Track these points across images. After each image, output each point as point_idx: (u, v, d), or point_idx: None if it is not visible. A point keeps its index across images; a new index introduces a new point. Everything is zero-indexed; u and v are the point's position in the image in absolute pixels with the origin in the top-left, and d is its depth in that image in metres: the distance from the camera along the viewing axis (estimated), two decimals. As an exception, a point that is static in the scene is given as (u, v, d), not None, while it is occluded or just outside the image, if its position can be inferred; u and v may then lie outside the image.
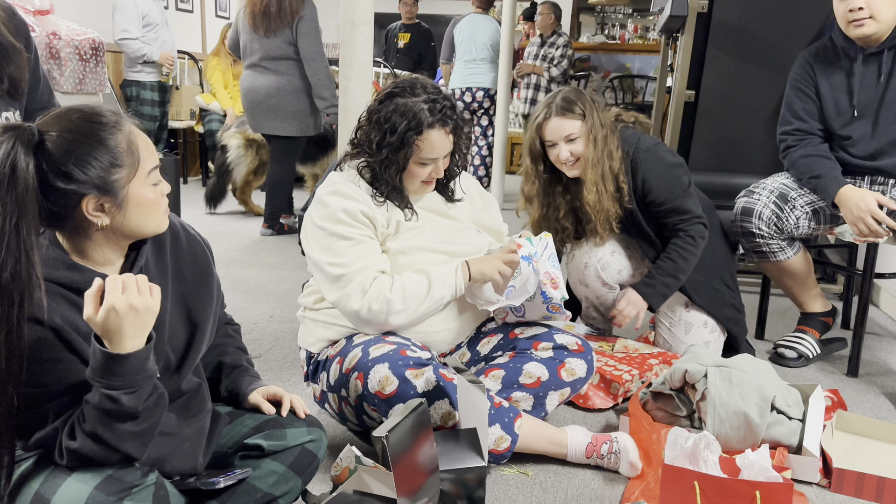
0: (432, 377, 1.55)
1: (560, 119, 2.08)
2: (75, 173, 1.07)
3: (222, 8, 8.34)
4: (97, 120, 1.11)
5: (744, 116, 3.29)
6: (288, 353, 2.37)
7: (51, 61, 3.12)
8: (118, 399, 1.05)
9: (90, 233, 1.13)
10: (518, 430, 1.60)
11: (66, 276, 1.12)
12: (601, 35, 9.03)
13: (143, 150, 1.15)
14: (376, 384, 1.54)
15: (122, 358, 1.04)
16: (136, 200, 1.13)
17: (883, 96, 2.25)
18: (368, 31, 2.06)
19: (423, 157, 1.67)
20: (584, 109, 2.10)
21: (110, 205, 1.11)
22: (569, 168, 2.13)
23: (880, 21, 2.16)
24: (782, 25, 3.17)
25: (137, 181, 1.13)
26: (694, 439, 1.49)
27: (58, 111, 1.12)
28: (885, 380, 2.38)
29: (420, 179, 1.71)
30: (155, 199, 1.16)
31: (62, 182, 1.07)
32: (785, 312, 3.05)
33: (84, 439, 1.07)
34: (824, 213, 2.34)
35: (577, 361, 1.80)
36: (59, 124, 1.09)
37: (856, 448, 1.83)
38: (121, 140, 1.12)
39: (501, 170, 5.45)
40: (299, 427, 1.38)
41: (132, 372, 1.06)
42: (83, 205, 1.09)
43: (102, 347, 1.04)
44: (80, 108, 1.12)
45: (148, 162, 1.15)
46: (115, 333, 1.04)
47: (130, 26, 4.94)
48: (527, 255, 1.74)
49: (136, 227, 1.16)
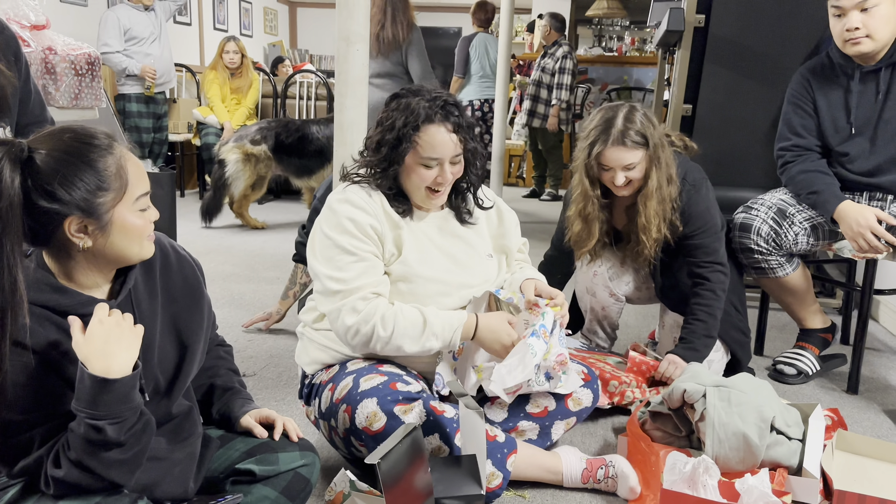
0: (422, 412, 1.50)
1: (620, 149, 2.00)
2: (59, 193, 1.06)
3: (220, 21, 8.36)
4: (88, 141, 1.10)
5: (741, 130, 3.28)
6: (283, 370, 2.35)
7: (46, 76, 3.11)
8: (103, 429, 1.03)
9: (73, 254, 1.12)
10: (511, 466, 1.57)
11: (51, 299, 1.10)
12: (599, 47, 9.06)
13: (132, 175, 1.14)
14: (364, 420, 1.50)
15: (109, 385, 1.03)
16: (120, 225, 1.12)
17: (881, 114, 2.25)
18: (364, 49, 2.05)
19: (423, 155, 1.60)
20: (646, 135, 2.02)
21: (93, 227, 1.10)
22: (619, 189, 2.08)
23: (877, 40, 2.16)
24: (779, 40, 3.16)
25: (123, 206, 1.12)
26: (693, 463, 1.47)
27: (52, 129, 1.11)
28: (885, 397, 2.36)
29: (425, 184, 1.63)
30: (141, 226, 1.15)
31: (45, 201, 1.05)
32: (784, 327, 3.03)
33: (69, 467, 1.05)
34: (823, 228, 2.33)
35: (583, 391, 1.81)
36: (49, 143, 1.08)
37: (856, 468, 1.81)
38: (110, 163, 1.10)
39: (499, 181, 5.45)
40: (292, 451, 1.36)
41: (117, 401, 1.04)
42: (65, 225, 1.08)
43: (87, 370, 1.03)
44: (74, 128, 1.11)
45: (137, 188, 1.14)
46: (101, 350, 1.03)
47: (111, 39, 4.97)
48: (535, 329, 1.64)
49: (118, 252, 1.14)
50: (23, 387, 1.06)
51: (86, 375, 1.03)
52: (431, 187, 1.65)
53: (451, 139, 1.61)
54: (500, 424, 1.73)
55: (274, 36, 9.99)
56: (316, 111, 6.02)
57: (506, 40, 5.23)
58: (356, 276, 1.57)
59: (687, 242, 2.14)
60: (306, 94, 6.04)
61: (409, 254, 1.64)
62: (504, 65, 5.24)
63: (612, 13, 8.06)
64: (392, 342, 1.56)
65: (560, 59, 5.93)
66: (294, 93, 6.07)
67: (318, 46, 10.69)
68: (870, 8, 2.13)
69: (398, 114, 1.61)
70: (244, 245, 4.28)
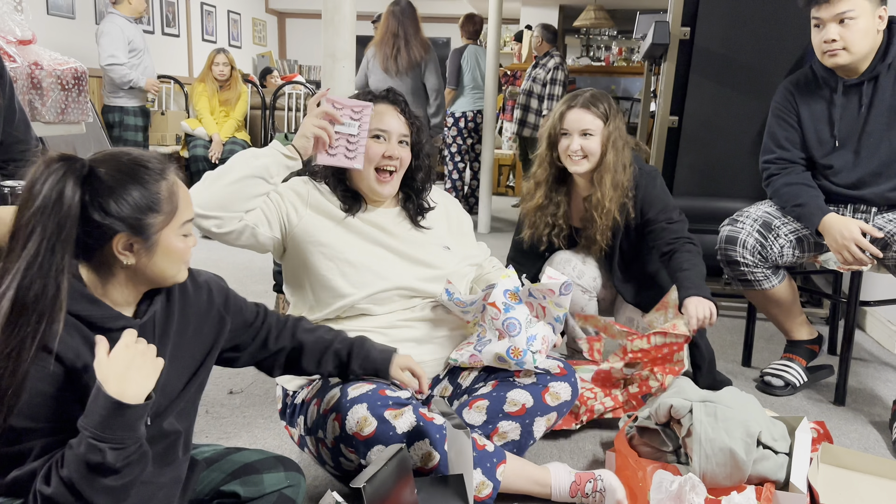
0: (412, 417, 1.51)
1: (583, 111, 2.14)
2: (113, 209, 1.11)
3: (209, 32, 8.36)
4: (144, 164, 1.16)
5: (727, 142, 3.31)
6: (270, 387, 2.34)
7: (32, 91, 3.10)
8: (103, 451, 1.04)
9: (114, 270, 1.16)
10: (500, 476, 1.57)
11: (84, 309, 1.13)
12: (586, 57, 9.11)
13: (182, 201, 1.19)
14: (354, 425, 1.50)
15: (121, 409, 1.04)
16: (165, 247, 1.17)
17: (864, 127, 2.27)
18: (350, 65, 2.06)
19: (371, 127, 1.70)
20: (609, 113, 2.16)
21: (139, 246, 1.15)
22: (573, 162, 2.16)
23: (853, 53, 2.18)
24: (764, 52, 3.19)
25: (170, 229, 1.17)
26: (679, 482, 1.47)
27: (111, 151, 1.17)
28: (871, 408, 2.37)
29: (374, 162, 1.72)
30: (183, 249, 1.21)
31: (99, 215, 1.10)
32: (771, 338, 3.04)
33: (58, 486, 1.05)
34: (808, 241, 2.34)
35: (560, 385, 1.78)
36: (109, 162, 1.14)
37: (843, 482, 1.82)
38: (163, 187, 1.16)
39: (489, 191, 5.46)
40: (277, 472, 1.36)
41: (124, 427, 1.05)
42: (114, 241, 1.13)
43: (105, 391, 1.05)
44: (131, 152, 1.17)
45: (184, 213, 1.20)
46: (121, 373, 1.06)
47: (118, 52, 4.93)
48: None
49: (158, 273, 1.19)
50: (39, 393, 1.07)
51: (101, 395, 1.04)
52: (381, 167, 1.73)
53: (398, 119, 1.75)
54: (480, 427, 1.72)
55: (263, 47, 10.00)
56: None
57: (493, 50, 5.26)
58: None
59: (652, 227, 2.20)
60: (295, 105, 6.03)
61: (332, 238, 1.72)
62: (492, 75, 5.26)
63: (600, 23, 8.11)
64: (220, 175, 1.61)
65: (551, 69, 5.97)
66: (283, 104, 6.07)
67: (307, 57, 10.71)
68: (847, 20, 2.15)
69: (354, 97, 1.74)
70: (231, 258, 4.27)
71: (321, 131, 1.63)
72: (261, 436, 2.01)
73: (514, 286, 1.79)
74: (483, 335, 1.79)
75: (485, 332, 1.79)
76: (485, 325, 1.78)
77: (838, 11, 2.14)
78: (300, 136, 1.64)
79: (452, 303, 1.79)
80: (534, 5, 8.77)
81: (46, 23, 5.53)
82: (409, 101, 4.29)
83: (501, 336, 1.74)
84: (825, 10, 2.16)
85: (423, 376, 1.57)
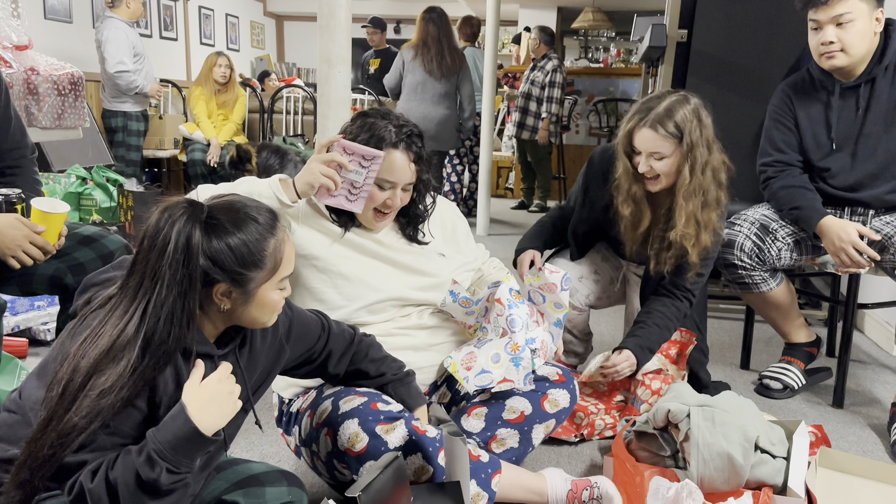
0: (404, 431, 1.50)
1: (648, 132, 1.91)
2: (221, 259, 1.13)
3: (207, 36, 8.36)
4: (258, 220, 1.18)
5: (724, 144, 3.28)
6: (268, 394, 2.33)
7: (29, 97, 3.10)
8: (161, 469, 1.06)
9: (208, 310, 1.19)
10: (496, 486, 1.56)
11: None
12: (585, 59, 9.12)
13: (286, 258, 1.22)
14: (346, 441, 1.49)
15: (195, 435, 1.08)
16: (261, 300, 1.20)
17: (861, 129, 2.26)
18: (346, 70, 2.06)
19: (379, 176, 1.64)
20: (682, 129, 1.90)
21: (237, 295, 1.18)
22: (649, 183, 1.99)
23: (851, 55, 2.18)
24: (761, 54, 3.19)
25: (270, 284, 1.20)
26: (676, 488, 1.47)
27: (231, 199, 1.19)
28: (870, 410, 2.37)
29: (374, 205, 1.68)
30: (278, 302, 1.24)
31: (206, 263, 1.13)
32: (770, 340, 3.04)
33: (101, 484, 1.07)
34: (806, 243, 2.34)
35: (559, 392, 1.77)
36: (226, 213, 1.16)
37: (841, 486, 1.81)
38: (271, 245, 1.19)
39: (487, 193, 5.46)
40: (279, 486, 1.35)
41: (189, 454, 1.09)
42: (216, 287, 1.15)
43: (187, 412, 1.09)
44: (249, 205, 1.19)
45: (285, 269, 1.23)
46: (206, 402, 1.10)
47: (126, 58, 4.92)
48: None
49: (249, 319, 1.23)
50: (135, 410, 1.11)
51: (183, 416, 1.08)
52: (380, 209, 1.70)
53: (410, 168, 1.68)
54: (479, 434, 1.71)
55: (261, 50, 10.00)
56: (303, 126, 6.02)
57: (492, 52, 5.25)
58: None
59: (679, 262, 2.05)
60: (293, 108, 6.03)
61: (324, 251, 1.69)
62: (490, 78, 5.26)
63: (598, 25, 8.12)
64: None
65: (550, 72, 5.96)
66: (281, 108, 6.07)
67: (305, 60, 10.71)
68: (845, 23, 2.15)
69: (364, 132, 1.65)
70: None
71: (328, 180, 1.56)
72: (258, 442, 2.00)
73: (517, 287, 1.79)
74: (484, 337, 1.78)
75: (486, 335, 1.78)
76: (487, 328, 1.78)
77: (836, 14, 2.14)
78: (305, 181, 1.56)
79: (457, 304, 1.78)
80: (532, 7, 8.78)
81: (43, 27, 5.53)
82: (444, 103, 4.67)
83: (504, 334, 1.74)
84: (823, 12, 2.16)
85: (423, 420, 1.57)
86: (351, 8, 2.03)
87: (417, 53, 4.65)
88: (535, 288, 1.86)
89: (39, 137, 3.11)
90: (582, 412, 2.04)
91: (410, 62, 4.68)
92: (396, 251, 1.77)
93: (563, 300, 1.82)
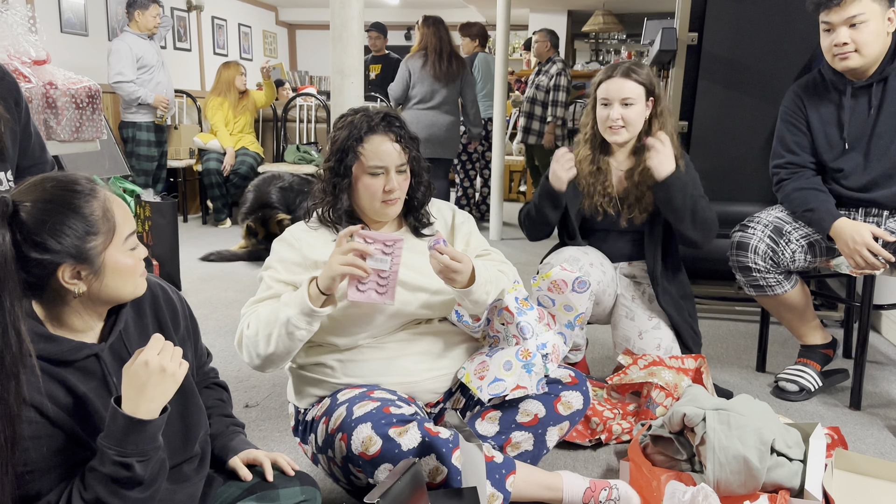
0: (417, 434, 1.51)
1: (623, 79, 2.15)
2: (50, 243, 1.07)
3: (220, 46, 8.44)
4: (72, 188, 1.11)
5: (737, 146, 3.31)
6: (286, 400, 2.35)
7: (47, 111, 3.15)
8: (132, 466, 1.06)
9: (68, 300, 1.13)
10: (510, 486, 1.57)
11: (43, 349, 1.11)
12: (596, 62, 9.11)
13: (119, 216, 1.16)
14: (360, 445, 1.50)
15: (142, 425, 1.06)
16: (113, 267, 1.14)
17: (873, 129, 2.26)
18: (358, 81, 2.08)
19: (368, 164, 1.66)
20: (652, 83, 2.17)
21: (87, 272, 1.11)
22: (612, 132, 2.17)
23: (865, 55, 2.18)
24: (772, 56, 3.19)
25: (114, 248, 1.14)
26: (692, 492, 1.48)
27: (33, 180, 1.12)
28: (888, 411, 2.36)
29: (376, 197, 1.68)
30: (132, 265, 1.17)
31: (37, 252, 1.07)
32: (786, 342, 3.03)
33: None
34: (820, 245, 2.34)
35: (572, 394, 1.77)
36: (32, 194, 1.09)
37: (858, 488, 1.81)
38: (96, 207, 1.12)
39: (500, 197, 5.47)
40: (292, 487, 1.37)
41: (146, 440, 1.07)
42: (59, 273, 1.09)
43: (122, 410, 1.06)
44: (55, 177, 1.13)
45: (125, 228, 1.16)
46: (137, 390, 1.06)
47: (125, 69, 5.01)
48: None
49: (113, 293, 1.16)
50: (28, 439, 1.07)
51: (119, 415, 1.05)
52: (384, 200, 1.70)
53: (395, 148, 1.68)
54: (493, 438, 1.72)
55: (274, 59, 10.07)
56: (316, 134, 6.07)
57: (502, 57, 5.27)
58: (258, 301, 1.67)
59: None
60: (306, 116, 6.08)
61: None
62: (501, 82, 5.28)
63: (609, 27, 8.11)
64: (257, 334, 1.59)
65: (554, 75, 5.96)
66: (294, 116, 6.12)
67: (317, 68, 10.78)
68: (858, 24, 2.15)
69: (343, 130, 1.70)
70: (247, 271, 4.30)
71: (351, 268, 1.51)
72: (276, 449, 2.02)
73: (524, 295, 1.80)
74: (495, 345, 1.79)
75: (497, 343, 1.79)
76: (498, 336, 1.79)
77: (849, 15, 2.14)
78: (325, 276, 1.52)
79: (462, 324, 1.79)
80: (542, 11, 8.79)
81: (60, 41, 5.60)
82: (449, 109, 4.71)
83: (516, 342, 1.75)
84: (836, 14, 2.16)
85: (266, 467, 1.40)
86: (363, 20, 2.05)
87: (425, 62, 4.67)
88: (544, 291, 1.87)
89: (58, 150, 3.16)
90: (598, 417, 2.05)
91: (419, 71, 4.69)
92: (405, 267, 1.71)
93: (573, 302, 1.83)
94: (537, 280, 1.90)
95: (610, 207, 2.28)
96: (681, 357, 2.21)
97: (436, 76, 4.66)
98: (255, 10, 9.58)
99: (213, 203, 5.79)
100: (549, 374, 1.76)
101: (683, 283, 2.34)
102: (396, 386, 1.70)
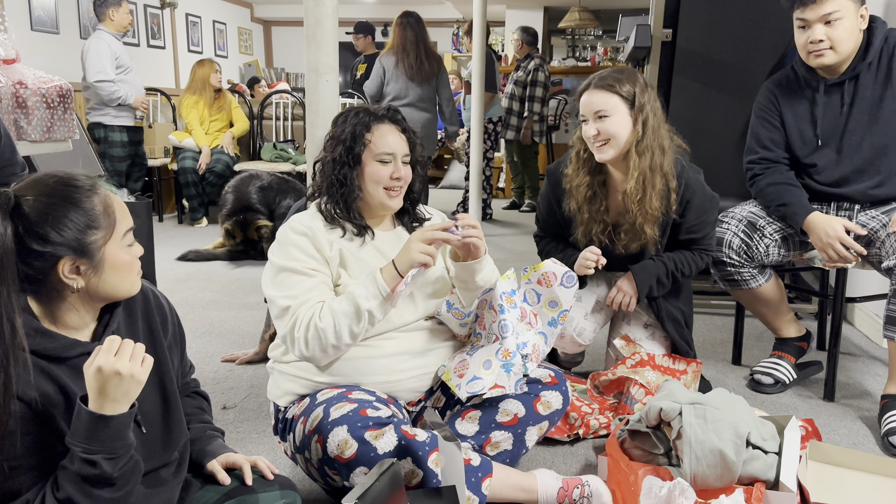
0: (393, 437, 1.50)
1: (594, 91, 1.99)
2: (51, 235, 1.09)
3: (194, 43, 8.35)
4: (73, 184, 1.14)
5: (712, 142, 3.33)
6: (264, 401, 2.34)
7: (17, 111, 3.09)
8: (98, 463, 1.05)
9: (65, 295, 1.15)
10: (486, 490, 1.57)
11: (37, 344, 1.12)
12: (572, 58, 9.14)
13: (118, 212, 1.18)
14: (335, 448, 1.50)
15: (105, 420, 1.05)
16: (111, 262, 1.16)
17: (846, 125, 2.29)
18: (333, 79, 2.07)
19: (377, 151, 1.69)
20: (634, 90, 1.97)
21: (86, 267, 1.13)
22: (596, 150, 2.03)
23: (840, 52, 2.20)
24: (746, 52, 3.22)
25: (113, 243, 1.16)
26: (668, 487, 1.49)
27: (35, 176, 1.14)
28: (861, 402, 2.40)
29: (382, 184, 1.70)
30: (130, 261, 1.19)
31: (38, 244, 1.08)
32: (761, 336, 3.07)
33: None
34: (793, 239, 2.37)
35: (552, 394, 1.79)
36: (35, 188, 1.11)
37: (832, 479, 1.83)
38: (97, 203, 1.14)
39: (478, 194, 5.46)
40: (272, 491, 1.36)
41: (112, 438, 1.06)
42: (59, 267, 1.11)
43: (87, 407, 1.05)
44: (57, 174, 1.14)
45: (123, 224, 1.18)
46: (98, 392, 1.05)
47: (106, 68, 4.93)
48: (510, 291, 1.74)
49: (110, 290, 1.17)
50: (11, 434, 1.07)
51: (83, 411, 1.05)
52: (389, 187, 1.72)
53: (401, 138, 1.73)
54: (473, 438, 1.73)
55: (249, 56, 10.00)
56: (293, 131, 6.03)
57: (479, 54, 5.27)
58: (305, 291, 1.63)
59: (686, 235, 2.19)
60: (283, 114, 6.04)
61: (356, 272, 1.69)
62: (479, 80, 5.27)
63: (585, 24, 8.14)
64: (336, 328, 1.59)
65: (532, 71, 5.98)
66: (270, 114, 6.07)
67: (294, 65, 10.71)
68: (833, 21, 2.17)
69: (348, 123, 1.72)
70: (224, 271, 4.27)
71: (428, 258, 1.61)
72: (255, 451, 2.01)
73: (510, 289, 1.80)
74: (476, 343, 1.79)
75: (479, 341, 1.80)
76: (481, 333, 1.79)
77: (825, 12, 2.16)
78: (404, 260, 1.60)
79: (451, 314, 1.79)
80: (518, 7, 8.80)
81: (30, 39, 5.52)
82: (425, 107, 4.73)
83: (496, 340, 1.75)
84: (811, 11, 2.18)
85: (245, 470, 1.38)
86: (337, 17, 2.04)
87: (399, 60, 4.69)
88: (533, 283, 1.87)
89: (29, 151, 3.11)
90: (576, 413, 2.06)
91: (393, 69, 4.72)
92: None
93: (560, 297, 1.83)
94: (528, 271, 1.90)
95: (604, 236, 2.19)
96: (675, 357, 2.24)
97: (409, 74, 4.67)
98: (230, 6, 9.49)
99: (189, 202, 5.74)
100: (529, 373, 1.77)
101: (685, 296, 2.32)
102: (378, 385, 1.69)
